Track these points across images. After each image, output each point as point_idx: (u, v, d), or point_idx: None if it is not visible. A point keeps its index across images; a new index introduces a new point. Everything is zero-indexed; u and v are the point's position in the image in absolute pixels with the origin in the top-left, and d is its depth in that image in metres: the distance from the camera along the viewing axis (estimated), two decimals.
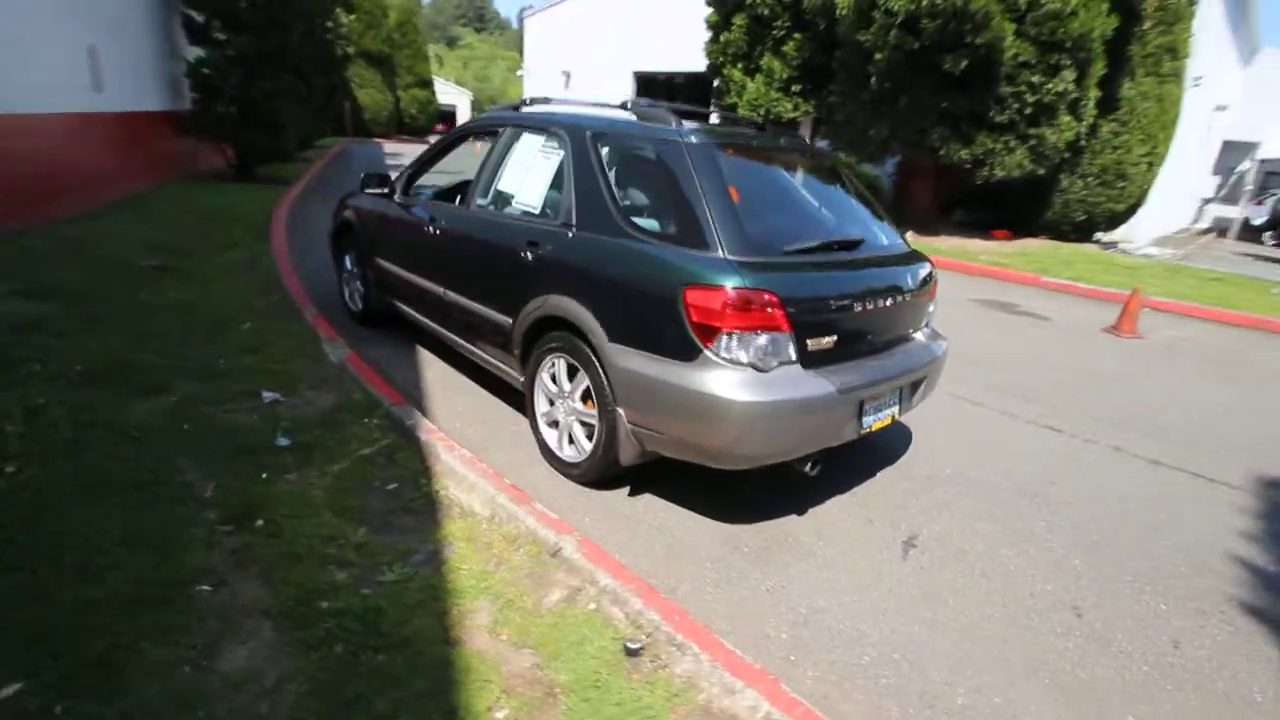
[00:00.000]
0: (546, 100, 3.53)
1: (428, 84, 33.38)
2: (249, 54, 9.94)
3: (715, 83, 13.40)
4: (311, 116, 13.52)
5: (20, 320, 3.88)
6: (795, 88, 11.53)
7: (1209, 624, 2.36)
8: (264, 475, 2.66)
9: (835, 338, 2.51)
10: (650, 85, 25.81)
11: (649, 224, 2.62)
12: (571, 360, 2.80)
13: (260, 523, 2.36)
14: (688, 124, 2.72)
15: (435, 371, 4.08)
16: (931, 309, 3.15)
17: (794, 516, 2.80)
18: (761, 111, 11.77)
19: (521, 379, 3.15)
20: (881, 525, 2.79)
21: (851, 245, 2.74)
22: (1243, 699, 2.04)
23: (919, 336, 3.05)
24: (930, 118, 9.55)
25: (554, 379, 2.95)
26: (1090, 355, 5.62)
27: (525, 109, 3.48)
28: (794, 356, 2.38)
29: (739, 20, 11.77)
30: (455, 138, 3.93)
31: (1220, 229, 16.85)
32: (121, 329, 4.00)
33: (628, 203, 2.69)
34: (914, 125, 9.72)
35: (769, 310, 2.28)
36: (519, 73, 30.41)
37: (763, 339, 2.30)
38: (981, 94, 9.10)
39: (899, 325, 2.89)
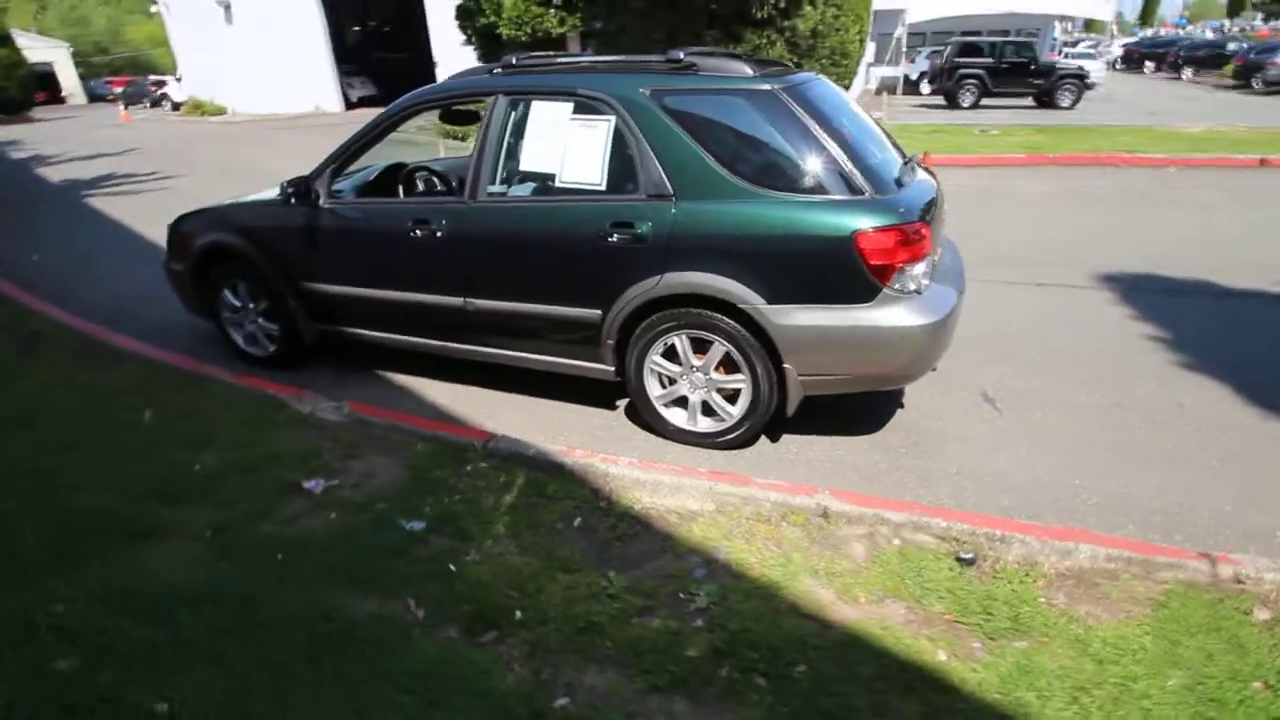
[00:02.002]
0: (546, 58, 3.08)
1: (5, 39, 24.78)
2: None
3: (460, 1, 12.21)
4: None
5: None
6: (556, 1, 11.06)
7: (1176, 385, 3.37)
8: (450, 566, 2.23)
9: (938, 249, 2.84)
10: (341, 10, 22.35)
11: (774, 179, 2.58)
12: (701, 334, 2.73)
13: (518, 615, 2.03)
14: (755, 68, 2.69)
15: (437, 391, 3.57)
16: None
17: (900, 412, 3.20)
18: (528, 29, 11.16)
19: (608, 369, 2.97)
20: (961, 395, 3.33)
21: (908, 160, 3.02)
22: (1232, 423, 3.02)
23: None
24: (702, 20, 10.02)
25: (671, 358, 2.86)
26: None
27: (516, 73, 3.00)
28: (931, 274, 2.66)
29: None
30: (397, 116, 3.22)
31: (888, 88, 20.67)
32: None
33: (736, 162, 2.60)
34: (689, 29, 10.11)
35: (924, 238, 2.50)
36: (154, 8, 24.01)
37: (921, 265, 2.53)
38: None
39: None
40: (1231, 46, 24.20)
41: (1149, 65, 29.05)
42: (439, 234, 3.03)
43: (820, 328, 2.54)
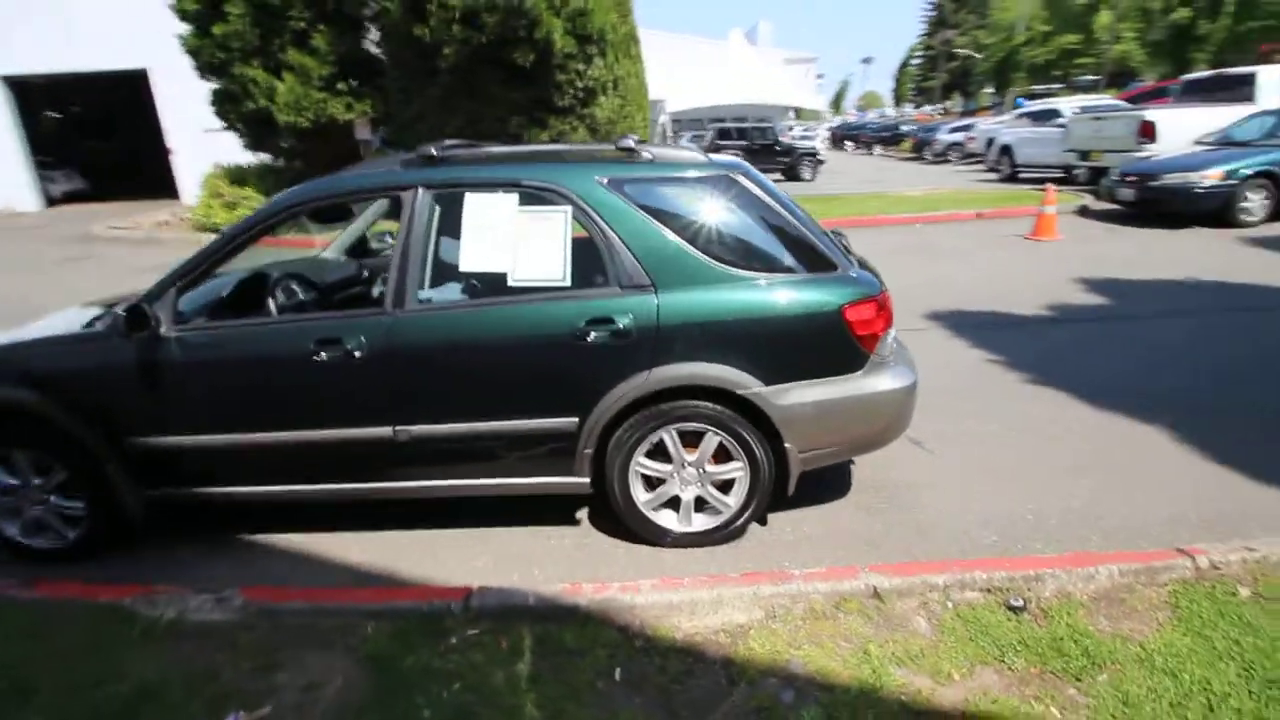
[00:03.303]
0: (470, 148, 2.72)
1: None
2: None
3: (218, 85, 10.86)
4: None
5: None
6: (341, 85, 10.38)
7: (1044, 401, 3.97)
8: None
9: None
10: (35, 96, 18.61)
11: (751, 261, 2.54)
12: (693, 426, 2.56)
13: None
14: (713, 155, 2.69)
15: (335, 544, 2.87)
16: None
17: (854, 470, 3.30)
18: (310, 115, 10.25)
19: (582, 482, 2.65)
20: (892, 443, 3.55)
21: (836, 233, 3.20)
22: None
23: None
24: (505, 107, 10.11)
25: (657, 457, 2.63)
26: None
27: (438, 165, 2.63)
28: None
29: (236, 9, 9.70)
30: (274, 216, 2.61)
31: None
32: None
33: (711, 247, 2.51)
34: (493, 116, 10.13)
35: (890, 306, 2.64)
36: None
37: (893, 331, 2.66)
38: (544, 82, 10.07)
39: None
40: (904, 128, 31.10)
41: (849, 144, 36.09)
42: (357, 354, 2.48)
43: (818, 402, 2.52)
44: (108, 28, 15.13)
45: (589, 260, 2.54)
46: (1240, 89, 10.87)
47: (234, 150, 12.62)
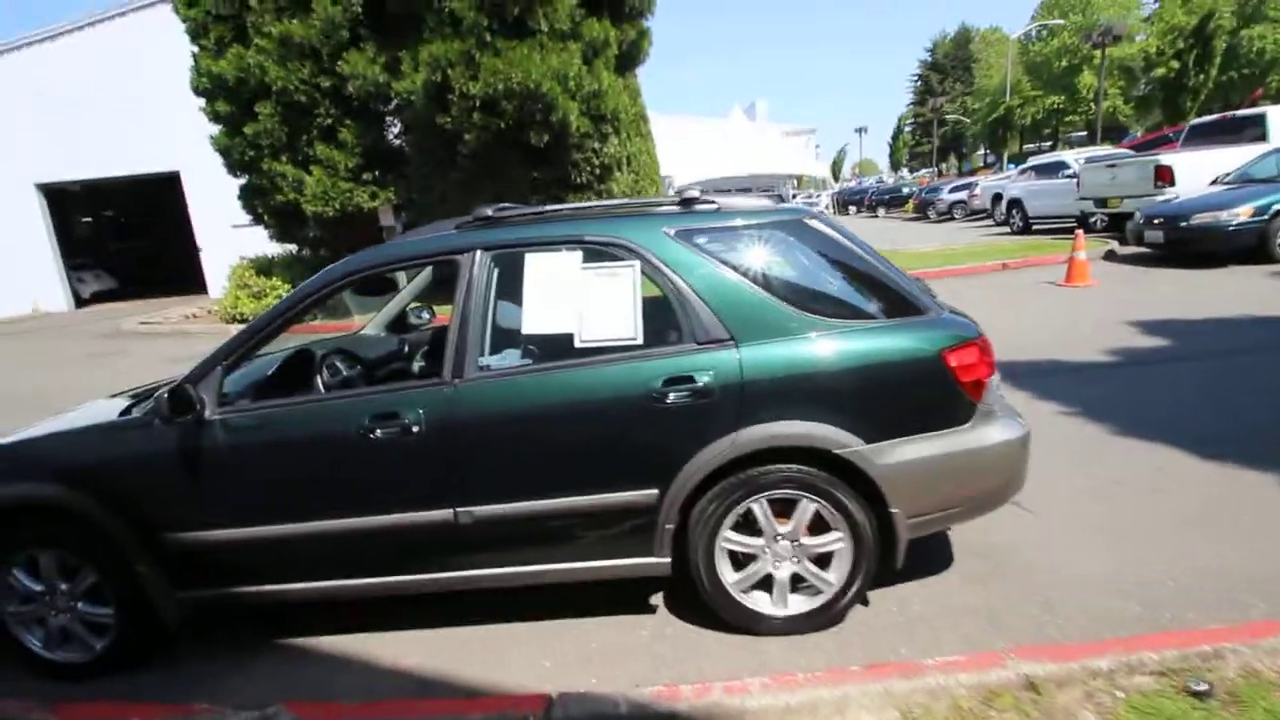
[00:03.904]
0: (525, 209, 2.61)
1: None
2: None
3: (246, 181, 11.25)
4: None
5: None
6: (366, 175, 10.69)
7: (1134, 454, 3.66)
8: None
9: None
10: (69, 200, 19.50)
11: (837, 309, 2.35)
12: (785, 493, 2.30)
13: None
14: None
15: (386, 645, 2.58)
16: None
17: (950, 534, 2.98)
18: (336, 205, 10.52)
19: (663, 563, 2.37)
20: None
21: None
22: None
23: None
24: (525, 186, 10.34)
25: (745, 529, 2.36)
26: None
27: (500, 225, 2.51)
28: None
29: (266, 109, 10.14)
30: (327, 288, 2.46)
31: None
32: None
33: (792, 296, 2.33)
34: (514, 195, 10.34)
35: (992, 351, 2.42)
36: None
37: (996, 378, 2.43)
38: (561, 161, 10.33)
39: None
40: (905, 190, 31.80)
41: (852, 207, 36.87)
42: (415, 429, 2.28)
43: (925, 459, 2.26)
44: (141, 133, 15.97)
45: (661, 317, 2.36)
46: (1251, 129, 10.95)
47: (259, 244, 12.97)
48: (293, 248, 12.52)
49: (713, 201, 2.50)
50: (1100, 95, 24.26)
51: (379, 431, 2.29)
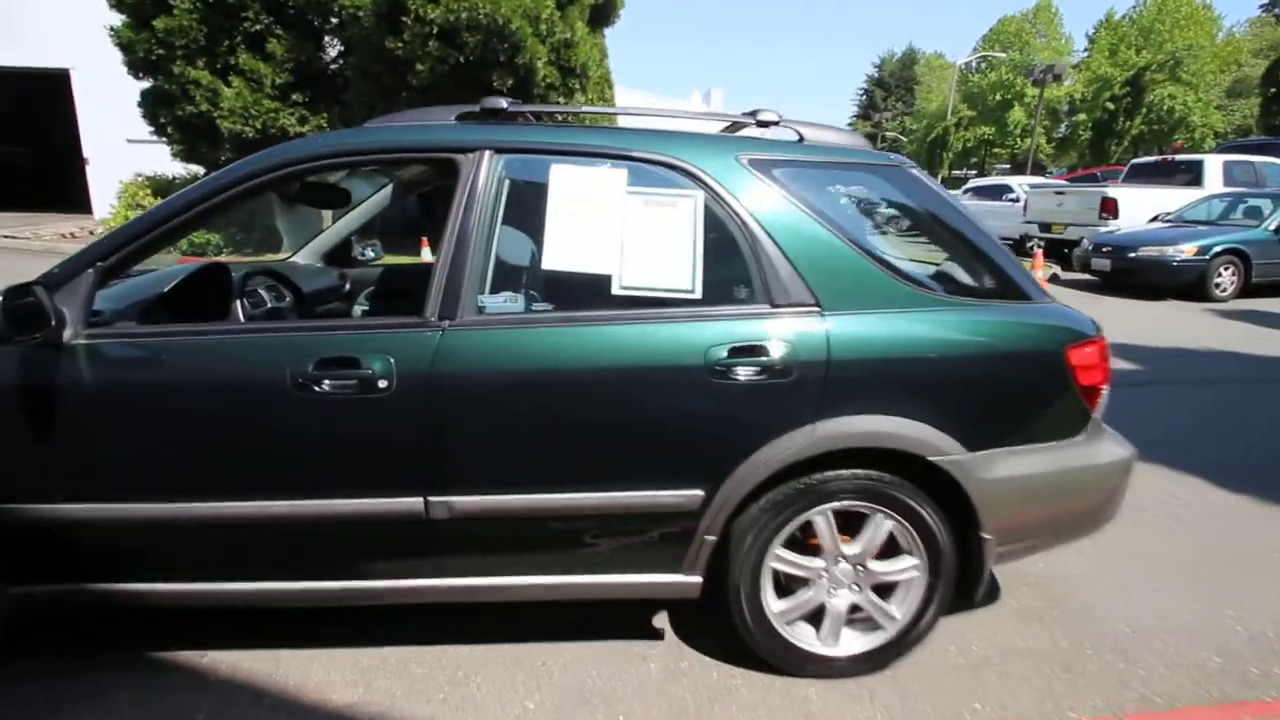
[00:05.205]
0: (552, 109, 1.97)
1: None
2: None
3: (149, 84, 9.71)
4: None
5: None
6: (296, 96, 9.44)
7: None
8: None
9: None
10: None
11: (945, 281, 1.88)
12: (857, 505, 1.82)
13: None
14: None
15: (325, 675, 1.93)
16: None
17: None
18: (257, 125, 9.23)
19: (691, 582, 1.85)
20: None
21: None
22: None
23: None
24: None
25: (797, 548, 1.87)
26: None
27: (511, 125, 1.87)
28: None
29: (184, 3, 8.73)
30: (261, 175, 1.75)
31: None
32: None
33: (892, 259, 1.84)
34: None
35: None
36: None
37: (1107, 387, 2.03)
38: None
39: None
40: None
41: None
42: (383, 384, 1.63)
43: (1032, 476, 1.84)
44: (27, 18, 13.65)
45: (723, 267, 1.81)
46: (1185, 174, 11.54)
47: (159, 163, 11.34)
48: (199, 170, 10.99)
49: (793, 130, 1.97)
50: (1035, 130, 25.44)
51: (326, 383, 1.63)
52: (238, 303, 2.02)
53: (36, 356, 1.61)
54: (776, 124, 1.95)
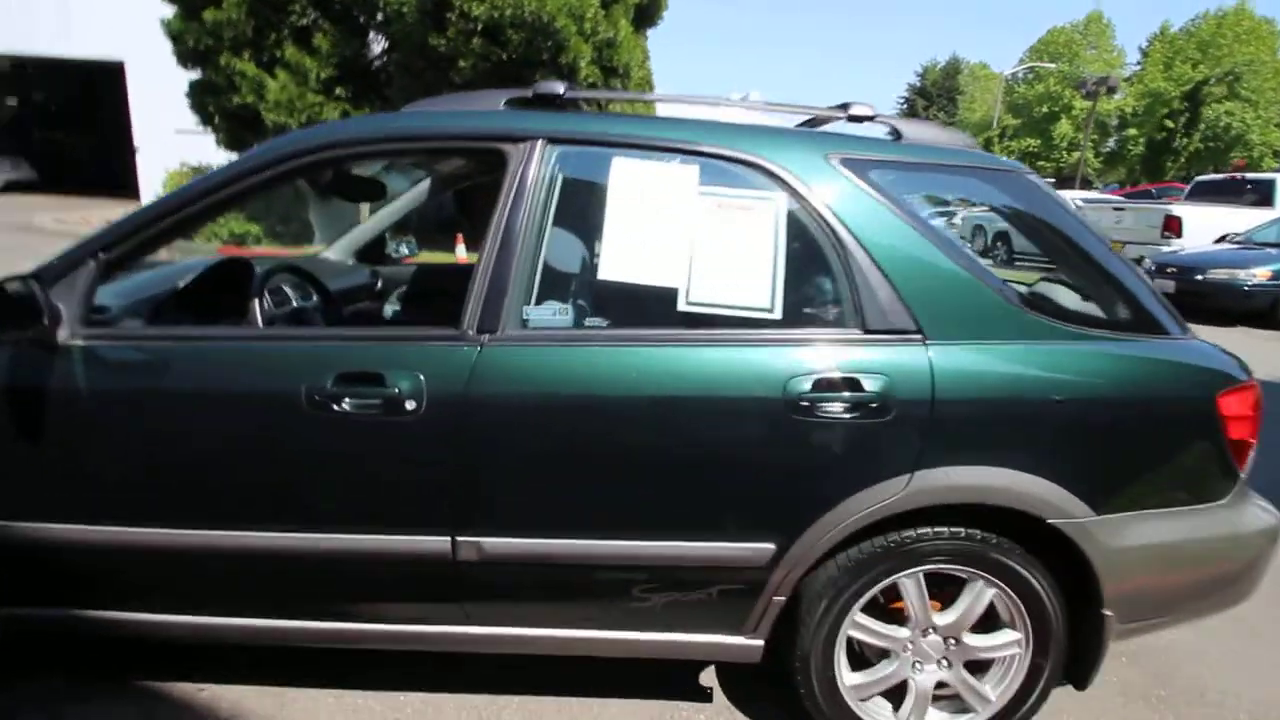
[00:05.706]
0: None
1: None
2: None
3: (197, 74, 9.80)
4: None
5: None
6: (340, 91, 9.42)
7: None
8: None
9: None
10: None
11: (1058, 307, 1.61)
12: (953, 569, 1.55)
13: None
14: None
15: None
16: None
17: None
18: (301, 118, 9.22)
19: (753, 646, 1.59)
20: None
21: None
22: None
23: None
24: None
25: (879, 613, 1.60)
26: None
27: (567, 113, 1.66)
28: None
29: None
30: (291, 159, 1.54)
31: None
32: None
33: (1008, 282, 1.57)
34: None
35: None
36: None
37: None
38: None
39: None
40: None
41: None
42: (410, 405, 1.41)
43: (1169, 545, 1.54)
44: (87, 10, 14.03)
45: (809, 283, 1.57)
46: (1254, 193, 10.90)
47: (206, 153, 11.47)
48: None
49: (889, 128, 1.70)
50: (1085, 144, 24.54)
51: (346, 402, 1.42)
52: (256, 302, 1.83)
53: (27, 357, 1.43)
54: (871, 119, 1.69)
